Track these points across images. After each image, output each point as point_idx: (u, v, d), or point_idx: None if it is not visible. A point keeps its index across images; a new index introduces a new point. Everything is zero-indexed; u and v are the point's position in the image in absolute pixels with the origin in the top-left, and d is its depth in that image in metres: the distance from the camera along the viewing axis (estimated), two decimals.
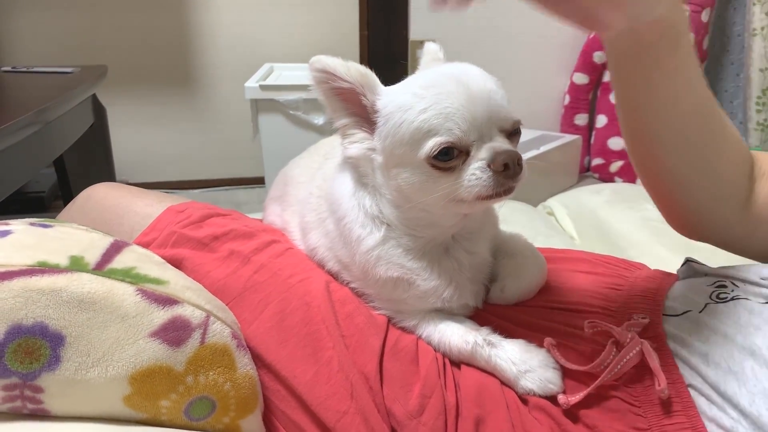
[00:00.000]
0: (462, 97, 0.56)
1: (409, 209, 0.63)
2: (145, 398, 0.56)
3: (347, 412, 0.62)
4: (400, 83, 0.63)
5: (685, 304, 0.63)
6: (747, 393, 0.53)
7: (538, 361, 0.61)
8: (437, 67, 0.64)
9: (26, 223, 0.63)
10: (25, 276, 0.54)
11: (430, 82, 0.58)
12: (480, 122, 0.57)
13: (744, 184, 0.70)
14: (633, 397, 0.58)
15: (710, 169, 0.68)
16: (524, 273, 0.69)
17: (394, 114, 0.59)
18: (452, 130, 0.56)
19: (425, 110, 0.57)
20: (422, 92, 0.57)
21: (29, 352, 0.53)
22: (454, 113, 0.56)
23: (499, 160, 0.56)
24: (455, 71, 0.59)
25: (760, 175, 0.72)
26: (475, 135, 0.57)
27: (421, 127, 0.57)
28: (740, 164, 0.70)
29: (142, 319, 0.56)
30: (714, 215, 0.70)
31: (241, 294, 0.70)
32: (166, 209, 0.81)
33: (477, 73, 0.59)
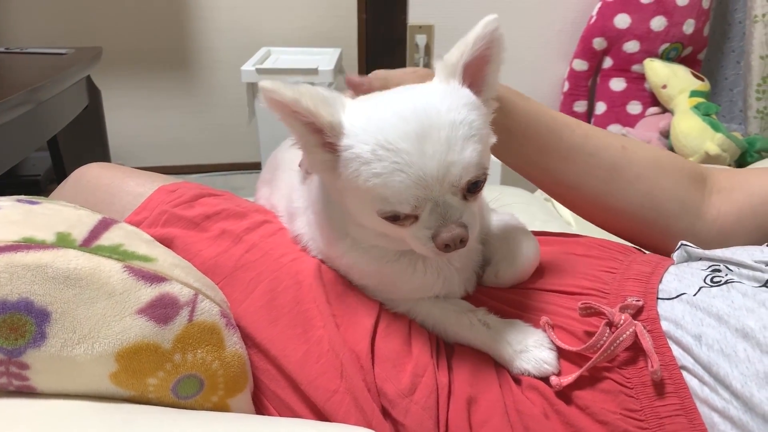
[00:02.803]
0: (417, 168, 0.54)
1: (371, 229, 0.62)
2: (132, 376, 0.55)
3: (337, 391, 0.61)
4: (364, 114, 0.58)
5: (679, 288, 0.63)
6: (739, 375, 0.53)
7: (533, 341, 0.61)
8: (407, 106, 0.57)
9: (13, 200, 0.62)
10: (10, 252, 0.54)
11: (390, 140, 0.54)
12: (434, 191, 0.55)
13: (691, 199, 0.76)
14: (625, 379, 0.57)
15: (648, 201, 0.76)
16: (518, 256, 0.68)
17: (352, 162, 0.56)
18: (402, 204, 0.55)
19: (379, 175, 0.54)
20: (380, 152, 0.54)
21: (14, 328, 0.52)
22: (405, 189, 0.54)
23: (440, 241, 0.56)
24: (420, 126, 0.55)
25: (716, 190, 0.76)
26: (425, 203, 0.56)
27: (374, 189, 0.55)
28: (679, 183, 0.77)
29: (129, 295, 0.55)
30: (672, 232, 0.75)
31: (231, 273, 0.69)
32: (157, 189, 0.81)
33: (444, 129, 0.55)
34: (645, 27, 2.42)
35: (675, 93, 2.38)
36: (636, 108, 2.55)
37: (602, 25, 2.47)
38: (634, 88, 2.55)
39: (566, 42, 2.64)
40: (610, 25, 2.45)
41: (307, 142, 0.58)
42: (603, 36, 2.48)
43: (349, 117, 0.58)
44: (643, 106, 2.55)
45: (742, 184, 0.77)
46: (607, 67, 2.56)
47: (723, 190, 0.77)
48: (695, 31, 2.44)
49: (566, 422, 0.57)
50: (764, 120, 2.46)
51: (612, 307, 0.60)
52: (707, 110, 2.24)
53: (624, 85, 2.57)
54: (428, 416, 0.59)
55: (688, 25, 2.42)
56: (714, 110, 2.28)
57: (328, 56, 2.37)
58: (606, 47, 2.51)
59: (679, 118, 2.31)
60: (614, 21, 2.43)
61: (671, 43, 2.44)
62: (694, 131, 2.22)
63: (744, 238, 0.74)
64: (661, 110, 2.50)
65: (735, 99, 2.66)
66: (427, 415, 0.59)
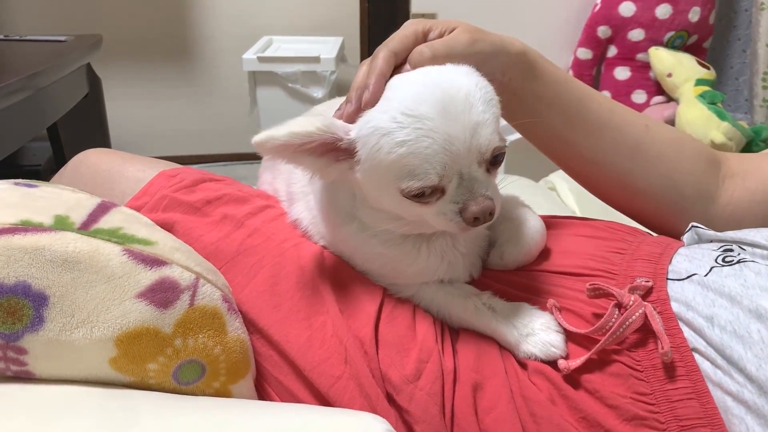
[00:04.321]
0: (443, 136, 0.52)
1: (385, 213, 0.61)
2: (132, 361, 0.54)
3: (341, 377, 0.60)
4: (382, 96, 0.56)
5: (689, 268, 0.61)
6: (753, 357, 0.52)
7: (540, 324, 0.60)
8: (424, 77, 0.56)
9: (10, 183, 0.61)
10: (7, 234, 0.52)
11: (412, 108, 0.53)
12: (460, 161, 0.54)
13: (707, 183, 0.74)
14: (635, 362, 0.56)
15: (668, 182, 0.74)
16: (523, 238, 0.66)
17: (371, 137, 0.54)
18: (429, 175, 0.53)
19: (403, 143, 0.52)
20: (403, 120, 0.53)
21: (11, 312, 0.51)
22: (432, 156, 0.53)
23: (469, 214, 0.55)
24: (439, 89, 0.54)
25: (729, 175, 0.75)
26: (453, 174, 0.54)
27: (398, 162, 0.53)
28: (697, 166, 0.75)
29: (128, 279, 0.54)
30: (686, 216, 0.73)
31: (233, 258, 0.68)
32: (158, 174, 0.79)
33: (464, 95, 0.54)
34: (650, 15, 2.40)
35: (680, 81, 2.36)
36: (641, 97, 2.53)
37: (607, 13, 2.45)
38: (638, 77, 2.53)
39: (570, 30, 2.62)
40: (615, 13, 2.43)
41: (321, 167, 0.57)
42: (607, 24, 2.46)
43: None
44: (648, 94, 2.53)
45: (755, 169, 0.76)
46: (611, 55, 2.54)
47: (736, 175, 0.75)
48: (701, 19, 2.42)
49: (574, 407, 0.56)
50: None
51: (621, 289, 0.59)
52: (713, 99, 2.22)
53: (629, 73, 2.55)
54: (433, 402, 0.58)
55: (694, 13, 2.39)
56: (720, 99, 2.26)
57: (330, 45, 2.36)
58: (610, 35, 2.49)
59: (685, 106, 2.29)
60: (619, 9, 2.41)
61: (676, 31, 2.41)
62: (699, 120, 2.20)
63: (755, 223, 0.73)
64: (666, 99, 2.48)
65: (740, 88, 2.63)
66: (432, 402, 0.58)
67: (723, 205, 0.75)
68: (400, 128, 0.53)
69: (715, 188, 0.75)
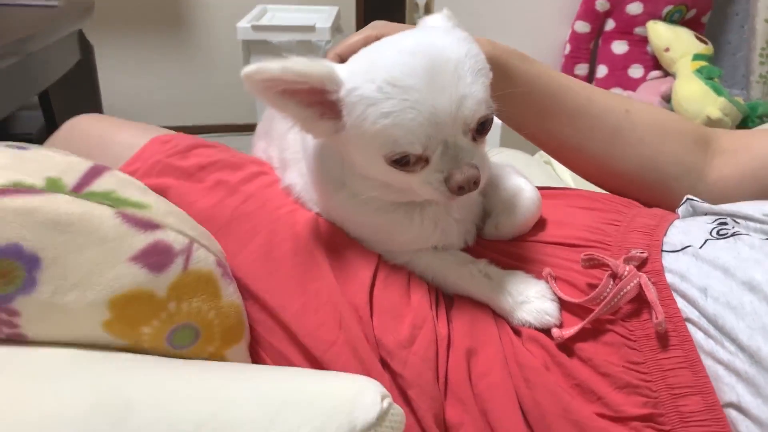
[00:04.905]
0: (429, 108, 0.52)
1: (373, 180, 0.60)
2: (126, 324, 0.54)
3: (336, 342, 0.60)
4: (364, 57, 0.56)
5: (684, 240, 0.61)
6: (746, 327, 0.52)
7: (535, 291, 0.60)
8: (416, 42, 0.56)
9: (2, 145, 0.60)
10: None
11: (397, 77, 0.52)
12: (445, 130, 0.53)
13: (694, 161, 0.75)
14: (629, 331, 0.56)
15: (651, 163, 0.75)
16: (519, 208, 0.66)
17: (357, 105, 0.54)
18: (413, 144, 0.53)
19: (389, 115, 0.52)
20: (389, 90, 0.52)
21: (3, 274, 0.51)
22: (417, 128, 0.52)
23: (454, 183, 0.55)
24: (428, 59, 0.53)
25: (719, 152, 0.75)
26: (437, 144, 0.54)
27: (383, 131, 0.53)
28: (682, 146, 0.76)
29: (121, 242, 0.53)
30: (673, 193, 0.74)
31: (227, 224, 0.68)
32: (151, 139, 0.79)
33: (453, 66, 0.53)
34: None
35: (677, 56, 2.35)
36: (638, 71, 2.52)
37: None
38: (636, 51, 2.52)
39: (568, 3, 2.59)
40: None
41: (305, 119, 0.57)
42: None
43: (349, 64, 0.56)
44: (645, 69, 2.51)
45: (746, 146, 0.76)
46: (609, 29, 2.52)
47: (726, 152, 0.76)
48: None
49: (567, 374, 0.56)
50: (767, 85, 2.43)
51: (616, 259, 0.59)
52: (710, 74, 2.22)
53: (626, 48, 2.53)
54: (427, 367, 0.58)
55: None
56: (717, 74, 2.25)
57: (325, 14, 2.33)
58: (609, 9, 2.47)
59: (681, 82, 2.28)
60: None
61: (675, 5, 2.40)
62: (696, 95, 2.20)
63: (745, 199, 0.73)
64: (663, 74, 2.47)
65: (737, 63, 2.62)
66: (426, 367, 0.58)
67: (713, 182, 0.75)
68: (386, 99, 0.52)
69: (704, 166, 0.75)
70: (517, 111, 0.74)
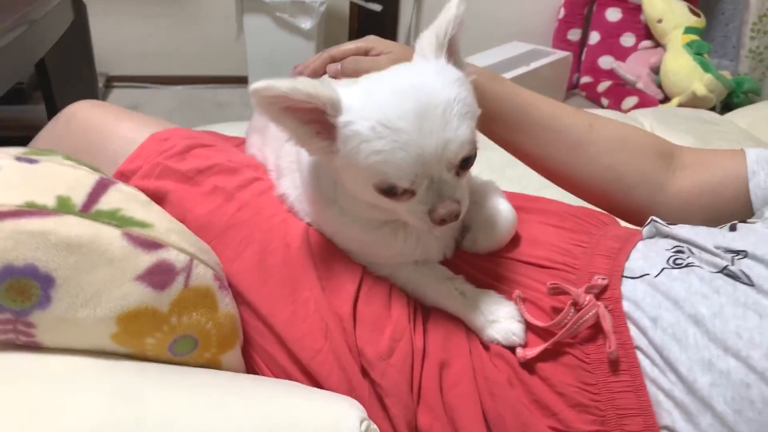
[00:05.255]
0: (417, 146, 0.56)
1: (362, 200, 0.65)
2: (132, 336, 0.59)
3: (321, 351, 0.66)
4: (363, 91, 0.60)
5: (643, 267, 0.67)
6: (687, 359, 0.58)
7: (504, 312, 0.66)
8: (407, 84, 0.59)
9: (12, 158, 0.64)
10: (14, 217, 0.56)
11: (390, 119, 0.56)
12: (431, 168, 0.58)
13: (655, 173, 0.81)
14: (585, 355, 0.62)
15: (612, 174, 0.82)
16: (496, 227, 0.71)
17: (352, 138, 0.58)
18: (401, 179, 0.58)
19: (380, 152, 0.56)
20: (382, 131, 0.56)
21: (21, 292, 0.55)
22: (405, 166, 0.57)
23: (437, 216, 0.60)
24: (418, 104, 0.57)
25: (681, 166, 0.81)
26: (423, 179, 0.58)
27: (374, 166, 0.57)
28: (643, 159, 0.82)
29: (128, 263, 0.58)
30: (633, 202, 0.81)
31: (224, 231, 0.73)
32: (150, 136, 0.82)
33: (441, 111, 0.57)
34: None
35: (670, 28, 2.37)
36: (629, 40, 2.53)
37: None
38: (629, 20, 2.53)
39: None
40: None
41: (302, 135, 0.60)
42: None
43: (347, 95, 0.59)
44: (637, 38, 2.53)
45: (707, 163, 0.81)
46: None
47: (688, 167, 0.81)
48: None
49: (528, 391, 0.63)
50: (755, 60, 2.46)
51: (579, 285, 0.65)
52: (699, 49, 2.24)
53: (620, 15, 2.54)
54: (403, 378, 0.64)
55: None
56: (706, 49, 2.28)
57: None
58: None
59: (671, 55, 2.31)
60: None
61: None
62: (683, 70, 2.23)
63: (702, 213, 0.79)
64: (653, 44, 2.49)
65: (729, 35, 2.64)
66: (402, 378, 0.64)
67: (673, 194, 0.80)
68: (379, 138, 0.56)
69: (664, 178, 0.81)
70: (487, 124, 0.80)
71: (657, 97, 2.34)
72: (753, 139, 1.65)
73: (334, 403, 0.55)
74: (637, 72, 2.37)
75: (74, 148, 0.85)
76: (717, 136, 1.59)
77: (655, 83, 2.37)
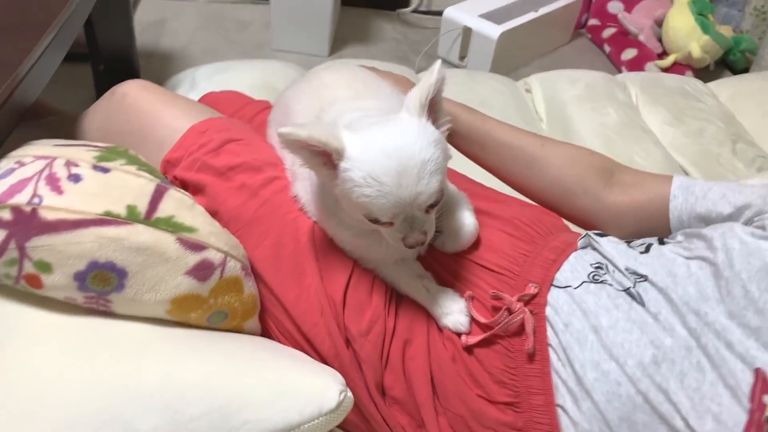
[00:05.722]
0: (395, 196, 0.74)
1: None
2: (181, 312, 0.82)
3: (317, 324, 0.88)
4: (362, 142, 0.76)
5: (569, 279, 0.88)
6: (582, 359, 0.80)
7: (457, 308, 0.87)
8: (391, 148, 0.75)
9: (90, 166, 0.83)
10: (97, 225, 0.76)
11: (377, 174, 0.74)
12: (405, 210, 0.76)
13: (594, 186, 1.00)
14: (511, 345, 0.84)
15: (558, 183, 1.03)
16: (460, 235, 0.91)
17: (348, 181, 0.75)
18: (382, 216, 0.76)
19: (368, 196, 0.74)
20: (369, 181, 0.74)
21: (102, 280, 0.77)
22: (386, 208, 0.75)
23: (407, 243, 0.79)
24: (399, 164, 0.74)
25: (619, 183, 1.00)
26: (399, 215, 0.77)
27: (363, 204, 0.76)
28: (586, 173, 1.02)
29: (179, 261, 0.79)
30: (576, 207, 1.02)
31: (248, 224, 0.93)
32: (189, 128, 1.00)
33: (416, 171, 0.74)
34: None
35: None
36: None
37: None
38: None
39: None
40: None
41: (313, 164, 0.79)
42: None
43: (350, 144, 0.77)
44: None
45: (641, 183, 1.00)
46: None
47: (624, 185, 1.00)
48: None
49: (466, 367, 0.85)
50: (758, 18, 2.53)
51: (517, 290, 0.86)
52: (702, 10, 2.31)
53: None
54: (376, 351, 0.87)
55: None
56: (708, 10, 2.35)
57: None
58: None
59: (675, 11, 2.38)
60: None
61: None
62: (683, 29, 2.32)
63: (631, 225, 0.99)
64: None
65: None
66: (375, 350, 0.87)
67: (609, 205, 1.00)
68: (368, 186, 0.75)
69: (602, 191, 1.00)
70: (462, 145, 1.05)
71: (656, 51, 2.44)
72: (726, 115, 1.80)
73: (322, 376, 0.78)
74: (641, 24, 2.45)
75: (126, 129, 1.05)
76: (691, 114, 1.73)
77: (656, 36, 2.46)
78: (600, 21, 2.65)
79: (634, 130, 1.65)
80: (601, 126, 1.66)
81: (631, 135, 1.64)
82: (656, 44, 2.45)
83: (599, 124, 1.66)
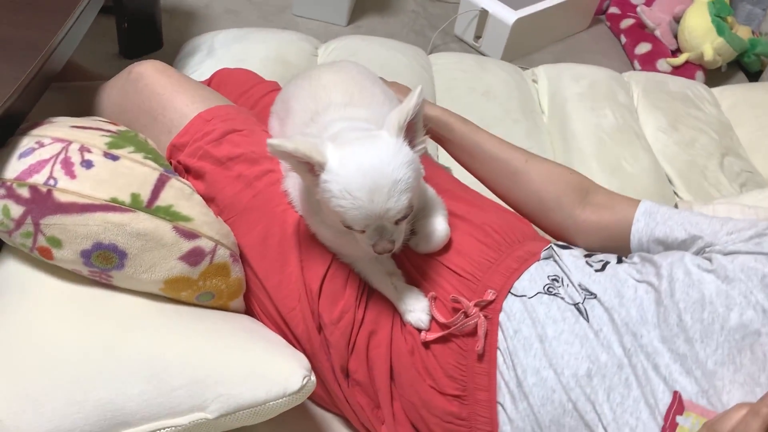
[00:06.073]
0: (367, 209, 0.82)
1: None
2: (173, 291, 0.92)
3: (294, 309, 0.99)
4: (342, 158, 0.84)
5: (526, 288, 0.96)
6: (525, 364, 0.90)
7: (420, 306, 0.96)
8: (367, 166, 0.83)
9: (101, 153, 0.92)
10: (104, 211, 0.87)
11: (352, 189, 0.82)
12: (376, 221, 0.85)
13: (568, 203, 1.08)
14: (464, 344, 0.94)
15: (536, 196, 1.11)
16: (432, 239, 0.99)
17: (326, 191, 0.84)
18: (355, 225, 0.85)
19: (342, 207, 0.83)
20: (345, 194, 0.82)
21: (105, 259, 0.87)
22: (359, 220, 0.84)
23: (376, 250, 0.88)
24: (373, 181, 0.82)
25: (591, 203, 1.08)
26: (371, 225, 0.85)
27: (338, 212, 0.84)
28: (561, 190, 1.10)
29: (174, 247, 0.90)
30: (550, 219, 1.12)
31: (242, 212, 1.02)
32: (195, 116, 1.09)
33: (387, 190, 0.82)
34: None
35: None
36: None
37: None
38: None
39: None
40: None
41: (298, 170, 0.88)
42: None
43: (332, 158, 0.85)
44: None
45: (611, 205, 1.07)
46: None
47: (596, 204, 1.08)
48: None
49: (422, 360, 0.95)
50: None
51: (476, 294, 0.95)
52: (720, 12, 2.32)
53: None
54: (344, 338, 0.97)
55: None
56: (726, 13, 2.35)
57: None
58: None
59: (693, 10, 2.38)
60: None
61: None
62: (699, 29, 2.32)
63: (598, 241, 1.07)
64: None
65: None
66: (343, 338, 0.97)
67: (580, 221, 1.08)
68: (343, 198, 0.83)
69: (575, 207, 1.08)
70: (455, 153, 1.14)
71: (671, 47, 2.45)
72: (723, 125, 1.83)
73: (290, 361, 0.88)
74: (659, 18, 2.46)
75: (139, 109, 1.14)
76: (687, 122, 1.76)
77: (673, 32, 2.47)
78: (620, 10, 2.65)
79: (627, 134, 1.70)
80: (596, 127, 1.71)
81: (624, 139, 1.68)
82: (672, 40, 2.46)
83: (595, 125, 1.71)
